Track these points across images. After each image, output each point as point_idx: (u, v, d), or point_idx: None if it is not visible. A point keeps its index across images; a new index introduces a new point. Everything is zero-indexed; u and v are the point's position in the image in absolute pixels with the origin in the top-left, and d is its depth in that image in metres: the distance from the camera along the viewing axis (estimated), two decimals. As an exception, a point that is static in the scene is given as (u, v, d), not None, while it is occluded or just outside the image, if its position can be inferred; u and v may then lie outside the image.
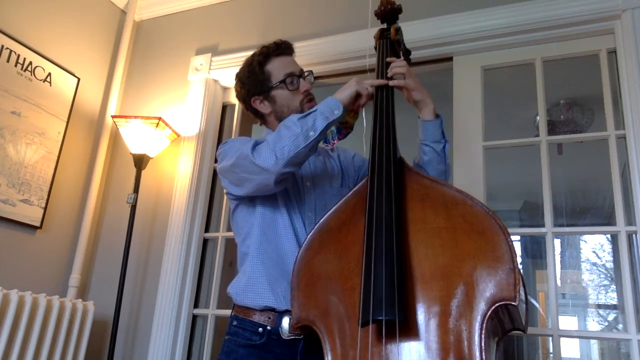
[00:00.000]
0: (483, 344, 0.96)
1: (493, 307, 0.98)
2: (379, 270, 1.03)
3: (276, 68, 1.46)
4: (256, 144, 1.28)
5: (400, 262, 1.04)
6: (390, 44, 1.54)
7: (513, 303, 0.97)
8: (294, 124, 1.25)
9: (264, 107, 1.49)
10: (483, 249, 1.04)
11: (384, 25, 1.59)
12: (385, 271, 1.02)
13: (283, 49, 1.48)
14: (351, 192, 1.28)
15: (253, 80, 1.48)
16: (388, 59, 1.44)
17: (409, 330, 1.01)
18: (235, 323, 1.35)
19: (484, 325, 0.97)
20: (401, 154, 1.30)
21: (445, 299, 1.02)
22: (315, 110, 1.27)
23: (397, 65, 1.40)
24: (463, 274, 1.03)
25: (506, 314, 1.04)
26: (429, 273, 1.05)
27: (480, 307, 0.99)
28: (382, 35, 1.57)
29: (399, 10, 1.58)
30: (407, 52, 1.65)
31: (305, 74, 1.49)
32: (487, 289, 1.00)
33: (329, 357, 1.07)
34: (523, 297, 1.10)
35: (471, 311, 0.99)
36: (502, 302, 0.98)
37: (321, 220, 1.25)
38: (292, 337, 1.27)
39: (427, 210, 1.14)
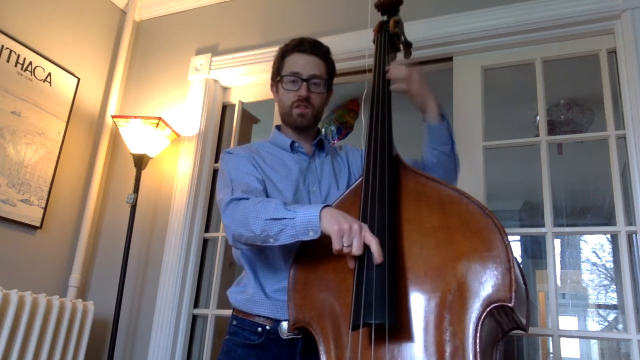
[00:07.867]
0: (478, 347, 0.94)
1: (488, 309, 0.96)
2: (370, 273, 1.01)
3: (289, 62, 1.45)
4: (232, 201, 1.25)
5: (393, 264, 1.02)
6: (388, 38, 1.51)
7: (509, 304, 0.95)
8: (261, 219, 1.14)
9: (274, 95, 1.52)
10: (478, 248, 1.02)
11: (384, 18, 1.55)
12: (376, 274, 1.00)
13: (305, 47, 1.46)
14: (348, 191, 1.27)
15: (274, 67, 1.51)
16: (386, 68, 1.40)
17: (402, 333, 0.99)
18: (234, 323, 1.35)
19: (479, 326, 0.95)
20: (397, 152, 1.28)
21: (439, 301, 1.00)
22: (292, 217, 1.11)
23: (396, 71, 1.38)
24: (457, 275, 1.01)
25: (504, 315, 1.02)
26: (423, 274, 1.03)
27: (475, 308, 0.97)
28: (380, 29, 1.53)
29: (399, 2, 1.55)
30: (407, 45, 1.62)
31: (315, 81, 1.42)
32: (482, 290, 0.98)
33: (324, 359, 1.06)
34: (524, 296, 1.08)
35: (465, 312, 0.97)
36: (498, 303, 0.96)
37: None
38: (291, 337, 1.26)
39: (422, 209, 1.12)
